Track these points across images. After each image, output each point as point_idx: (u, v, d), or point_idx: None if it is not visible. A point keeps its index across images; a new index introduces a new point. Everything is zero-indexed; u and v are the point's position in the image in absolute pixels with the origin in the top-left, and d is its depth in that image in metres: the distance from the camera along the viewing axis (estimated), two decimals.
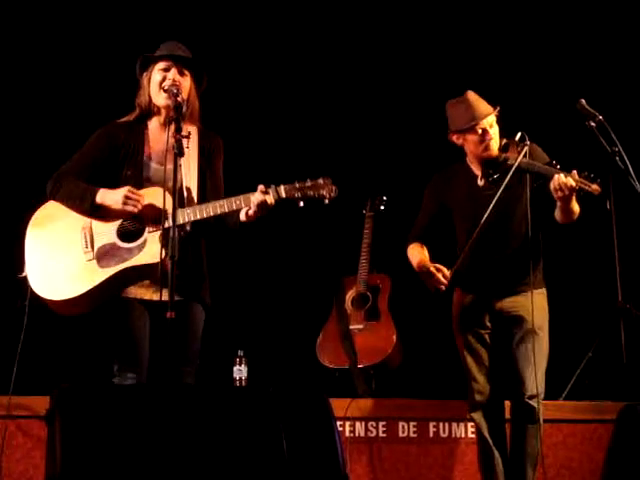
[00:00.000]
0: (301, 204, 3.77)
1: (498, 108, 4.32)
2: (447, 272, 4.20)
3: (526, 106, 5.72)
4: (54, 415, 3.01)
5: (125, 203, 3.74)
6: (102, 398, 3.10)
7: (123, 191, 3.75)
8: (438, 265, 4.25)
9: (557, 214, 4.26)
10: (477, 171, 4.39)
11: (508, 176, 4.18)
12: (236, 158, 5.34)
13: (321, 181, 3.78)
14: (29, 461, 4.30)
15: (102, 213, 3.81)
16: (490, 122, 4.29)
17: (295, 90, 6.02)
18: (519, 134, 4.28)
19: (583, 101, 4.11)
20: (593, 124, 4.05)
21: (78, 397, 3.05)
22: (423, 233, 4.51)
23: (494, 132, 4.31)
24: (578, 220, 4.30)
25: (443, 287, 4.21)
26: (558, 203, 4.17)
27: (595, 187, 4.06)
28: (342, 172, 4.05)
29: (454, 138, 4.38)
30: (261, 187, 3.74)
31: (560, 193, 4.07)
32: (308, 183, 3.77)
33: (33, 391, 4.25)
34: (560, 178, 4.04)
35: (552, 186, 4.07)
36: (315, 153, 5.87)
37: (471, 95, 4.32)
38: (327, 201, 3.78)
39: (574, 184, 4.03)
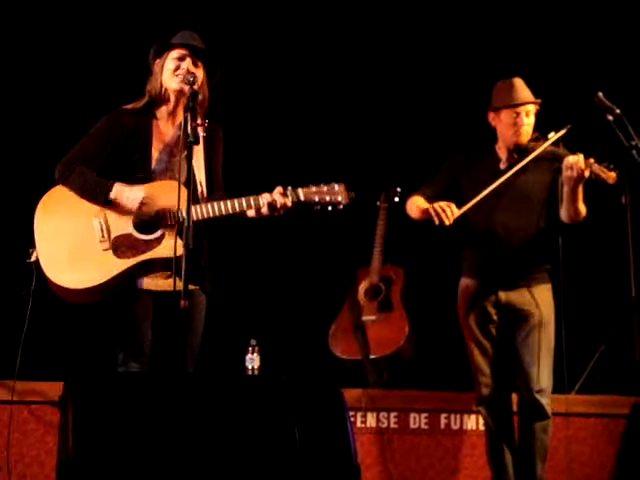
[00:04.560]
0: (317, 208, 3.79)
1: (540, 101, 4.35)
2: (456, 210, 4.21)
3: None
4: (67, 401, 3.03)
5: (140, 208, 3.74)
6: (115, 385, 3.11)
7: (139, 196, 3.73)
8: (448, 202, 4.23)
9: (562, 211, 4.26)
10: (503, 157, 4.41)
11: (530, 156, 4.23)
12: (248, 151, 5.36)
13: (336, 187, 3.79)
14: (41, 446, 4.33)
15: (116, 204, 3.79)
16: (527, 110, 4.33)
17: (308, 81, 6.00)
18: (552, 133, 4.31)
19: (601, 94, 4.10)
20: (611, 118, 4.04)
21: (91, 384, 3.06)
22: (429, 193, 4.43)
23: (529, 122, 4.33)
24: (592, 214, 4.29)
25: (448, 222, 4.19)
26: (565, 188, 4.17)
27: (612, 174, 4.06)
28: (356, 164, 4.05)
29: (490, 117, 4.43)
30: (279, 189, 3.75)
31: (569, 172, 4.08)
32: (324, 188, 3.79)
33: (43, 377, 4.27)
34: (572, 157, 4.08)
35: (564, 164, 4.10)
36: (330, 145, 5.86)
37: (518, 81, 4.38)
38: (342, 207, 3.80)
39: (583, 165, 4.04)
